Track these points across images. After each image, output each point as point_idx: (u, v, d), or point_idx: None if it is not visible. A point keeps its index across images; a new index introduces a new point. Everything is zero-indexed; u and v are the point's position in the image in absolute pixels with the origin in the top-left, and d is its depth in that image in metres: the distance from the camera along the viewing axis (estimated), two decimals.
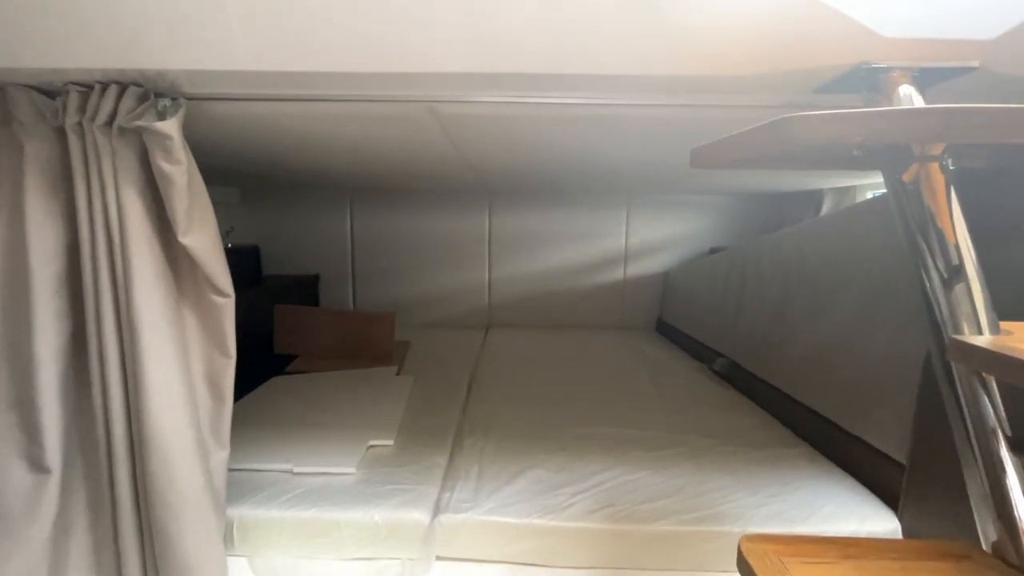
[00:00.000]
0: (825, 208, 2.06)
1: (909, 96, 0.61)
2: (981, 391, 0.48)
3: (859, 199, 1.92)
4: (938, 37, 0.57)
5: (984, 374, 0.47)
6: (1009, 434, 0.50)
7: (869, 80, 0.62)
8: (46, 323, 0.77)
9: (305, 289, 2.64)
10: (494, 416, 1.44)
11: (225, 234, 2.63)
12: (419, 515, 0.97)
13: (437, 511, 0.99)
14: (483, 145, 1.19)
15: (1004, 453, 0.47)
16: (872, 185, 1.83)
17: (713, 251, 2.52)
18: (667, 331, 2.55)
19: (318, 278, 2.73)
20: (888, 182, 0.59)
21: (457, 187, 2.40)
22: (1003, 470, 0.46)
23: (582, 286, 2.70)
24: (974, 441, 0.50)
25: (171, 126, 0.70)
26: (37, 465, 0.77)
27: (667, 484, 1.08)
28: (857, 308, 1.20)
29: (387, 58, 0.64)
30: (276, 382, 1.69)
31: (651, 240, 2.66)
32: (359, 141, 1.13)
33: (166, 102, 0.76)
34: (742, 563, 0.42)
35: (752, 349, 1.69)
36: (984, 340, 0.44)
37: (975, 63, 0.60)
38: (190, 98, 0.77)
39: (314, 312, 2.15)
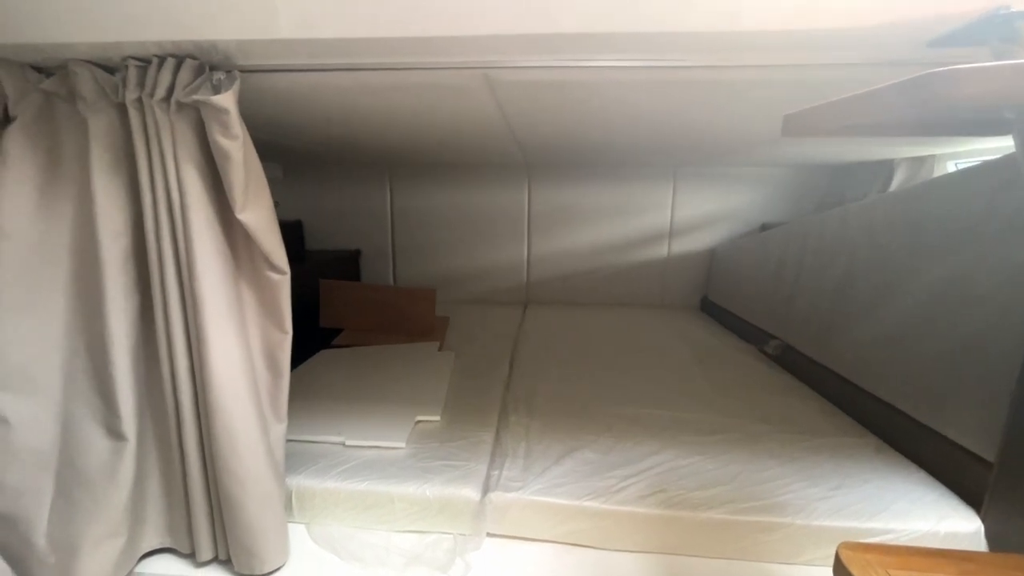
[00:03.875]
0: (897, 181, 1.90)
1: None
2: None
3: (938, 171, 1.75)
4: None
5: None
6: None
7: (1004, 29, 0.53)
8: (117, 297, 0.79)
9: (347, 264, 2.68)
10: (537, 394, 1.43)
11: None
12: (469, 492, 0.97)
13: (487, 488, 0.99)
14: (533, 114, 1.13)
15: None
16: (957, 154, 1.66)
17: (765, 227, 2.38)
18: (713, 311, 2.46)
19: (359, 253, 2.76)
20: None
21: (496, 161, 2.34)
22: None
23: (623, 263, 2.62)
24: None
25: (227, 99, 0.69)
26: (115, 433, 0.81)
27: (721, 471, 1.04)
28: (939, 289, 1.10)
29: (438, 21, 0.60)
30: (324, 355, 1.74)
31: (697, 215, 2.54)
32: (406, 113, 1.10)
33: (220, 75, 0.75)
34: (840, 570, 0.39)
35: (810, 331, 1.60)
36: None
37: None
38: (243, 71, 0.76)
39: (358, 287, 2.18)
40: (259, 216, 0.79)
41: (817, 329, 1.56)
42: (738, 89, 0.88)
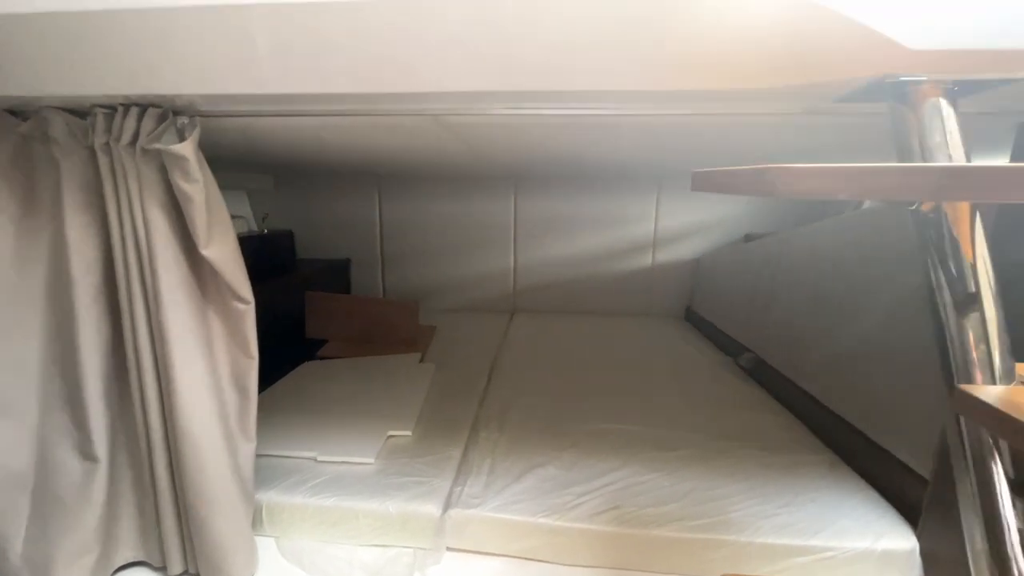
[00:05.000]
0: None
1: (938, 109, 0.56)
2: (988, 439, 0.46)
3: None
4: (975, 48, 0.51)
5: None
6: (1013, 476, 0.47)
7: (895, 91, 0.57)
8: (88, 328, 0.84)
9: (337, 273, 2.73)
10: (510, 408, 1.48)
11: (262, 219, 2.71)
12: (431, 508, 1.02)
13: (448, 505, 1.03)
14: (496, 146, 1.18)
15: (1007, 508, 0.44)
16: None
17: (748, 238, 2.41)
18: (696, 321, 2.49)
19: (349, 262, 2.81)
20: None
21: (482, 174, 2.39)
22: (1006, 527, 0.44)
23: (609, 272, 2.66)
24: (975, 487, 0.47)
25: (187, 148, 0.73)
26: (87, 455, 0.86)
27: (676, 488, 1.08)
28: (891, 311, 1.13)
29: (396, 79, 0.64)
30: (307, 367, 1.78)
31: (682, 226, 2.58)
32: (375, 144, 1.14)
33: (184, 120, 0.79)
34: None
35: (780, 346, 1.64)
36: (992, 394, 0.41)
37: (1021, 74, 0.54)
38: (205, 115, 0.80)
39: (342, 299, 2.22)
40: (223, 251, 0.83)
41: (787, 344, 1.60)
42: (686, 130, 0.92)
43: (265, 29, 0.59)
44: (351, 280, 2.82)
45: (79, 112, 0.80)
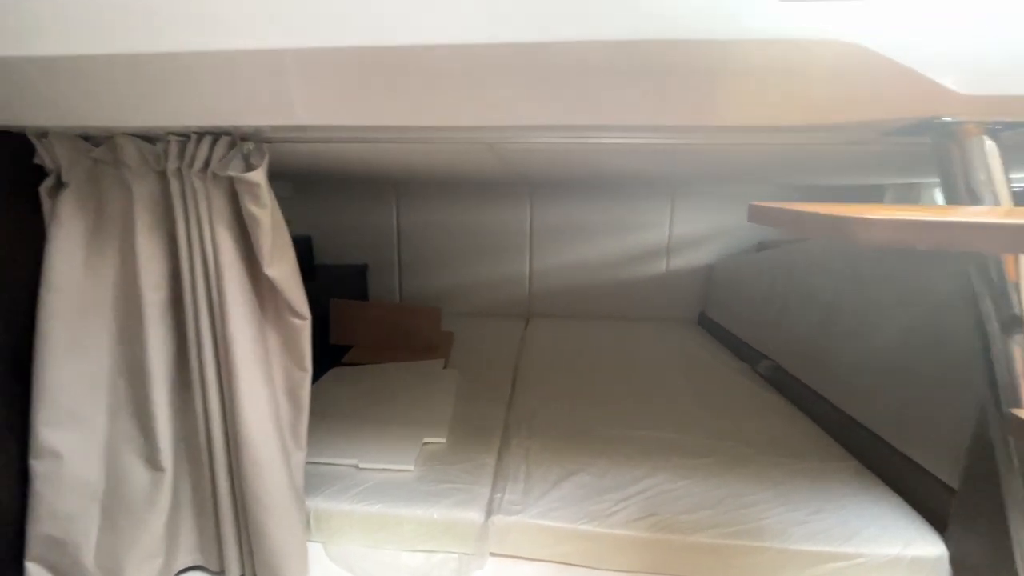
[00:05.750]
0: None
1: (982, 146, 0.59)
2: None
3: (924, 199, 1.82)
4: (1021, 94, 0.55)
5: None
6: None
7: (940, 129, 0.61)
8: (156, 342, 0.88)
9: (355, 278, 2.77)
10: (537, 414, 1.51)
11: None
12: (474, 515, 1.06)
13: (490, 511, 1.07)
14: (532, 164, 1.22)
15: None
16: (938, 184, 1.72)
17: (761, 246, 2.45)
18: (710, 326, 2.53)
19: (367, 267, 2.85)
20: None
21: (500, 182, 2.43)
22: None
23: (624, 277, 2.70)
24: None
25: (258, 175, 0.77)
26: (154, 464, 0.90)
27: (708, 495, 1.12)
28: (914, 320, 1.17)
29: (457, 114, 0.68)
30: (335, 373, 1.83)
31: (696, 232, 2.62)
32: (415, 161, 1.18)
33: (250, 145, 0.83)
34: None
35: (799, 354, 1.68)
36: None
37: None
38: (271, 141, 0.84)
39: (367, 306, 2.27)
40: (284, 270, 0.87)
41: (805, 352, 1.63)
42: (728, 156, 0.96)
43: (347, 67, 0.62)
44: (368, 285, 2.86)
45: (149, 138, 0.84)
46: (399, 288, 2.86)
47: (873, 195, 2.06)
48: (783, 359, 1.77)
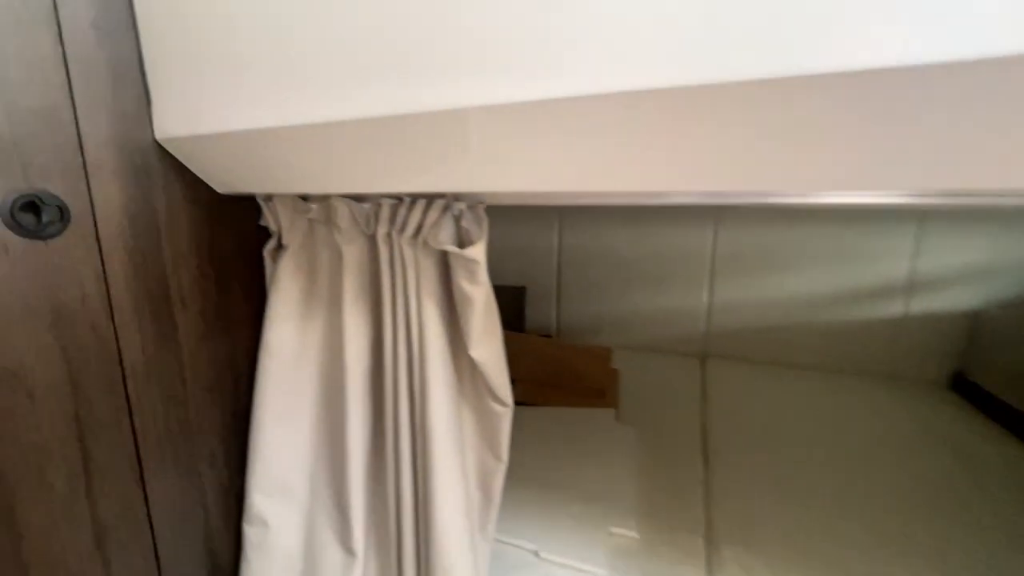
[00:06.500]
0: None
1: None
2: None
3: None
4: None
5: None
6: None
7: None
8: (356, 415, 0.82)
9: (512, 301, 2.70)
10: (752, 517, 1.19)
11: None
12: None
13: None
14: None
15: None
16: None
17: None
18: (972, 393, 1.86)
19: (524, 290, 2.77)
20: None
21: (681, 202, 2.11)
22: None
23: (839, 320, 2.15)
24: None
25: (478, 251, 0.64)
26: (347, 547, 0.84)
27: None
28: None
29: (671, 183, 0.45)
30: None
31: (952, 267, 1.96)
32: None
33: (461, 206, 0.71)
34: None
35: None
36: None
37: None
38: (485, 203, 0.71)
39: (533, 340, 2.15)
40: (490, 353, 0.73)
41: None
42: None
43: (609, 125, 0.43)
44: (525, 309, 2.77)
45: (359, 197, 0.78)
46: (556, 314, 2.71)
47: None
48: None
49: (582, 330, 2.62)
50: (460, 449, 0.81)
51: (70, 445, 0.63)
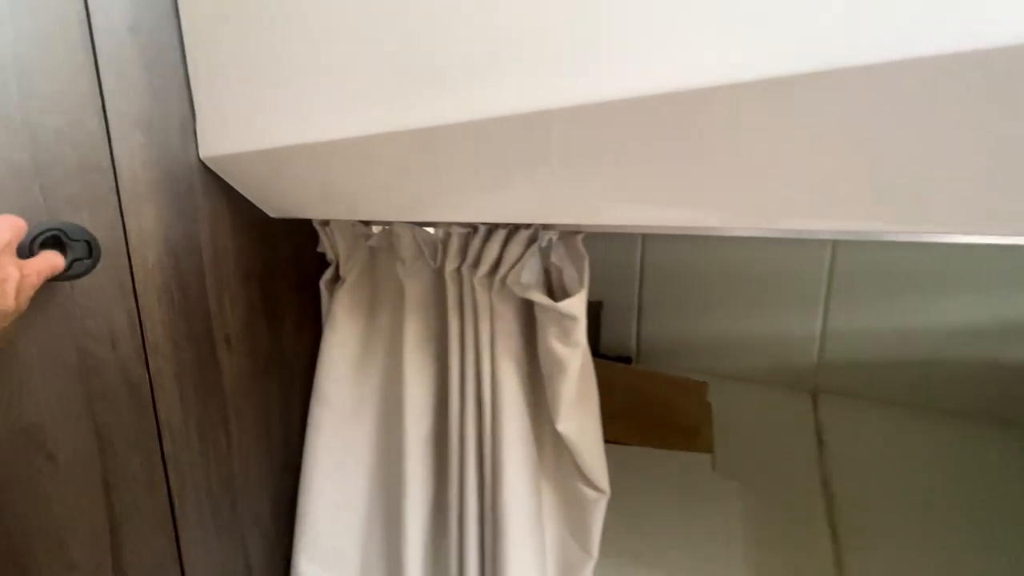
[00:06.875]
0: None
1: None
2: None
3: None
4: None
5: None
6: None
7: None
8: (414, 482, 0.68)
9: (588, 318, 2.49)
10: None
11: None
12: None
13: None
14: None
15: None
16: None
17: None
18: None
19: (601, 306, 2.55)
20: None
21: None
22: None
23: (996, 358, 1.72)
24: None
25: (577, 305, 0.47)
26: None
27: None
28: None
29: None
30: None
31: None
32: None
33: (552, 236, 0.54)
34: None
35: None
36: None
37: None
38: (581, 232, 0.54)
39: (617, 368, 1.95)
40: (582, 428, 0.56)
41: None
42: None
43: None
44: (601, 326, 2.55)
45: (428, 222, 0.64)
46: (636, 334, 2.46)
47: None
48: None
49: (665, 353, 2.35)
50: (539, 537, 0.64)
51: (96, 514, 0.55)
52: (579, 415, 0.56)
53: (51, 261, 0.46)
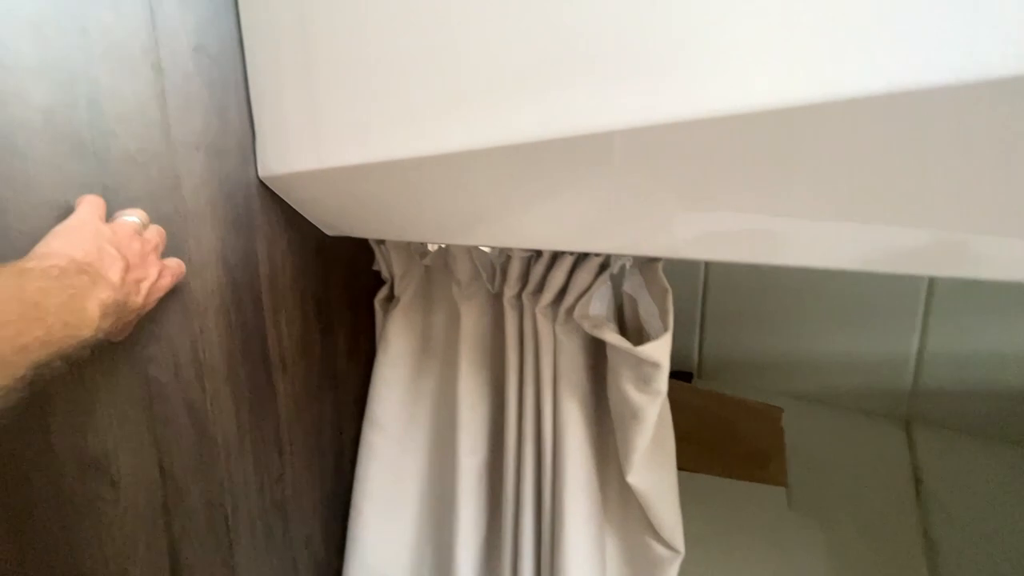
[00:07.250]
0: None
1: None
2: None
3: None
4: None
5: None
6: None
7: None
8: (466, 518, 0.64)
9: None
10: None
11: None
12: None
13: None
14: None
15: None
16: None
17: None
18: None
19: None
20: None
21: None
22: None
23: None
24: None
25: (660, 350, 0.40)
26: None
27: None
28: None
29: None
30: None
31: None
32: None
33: (626, 261, 0.48)
34: None
35: None
36: None
37: None
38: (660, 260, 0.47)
39: (684, 388, 1.83)
40: (656, 480, 0.49)
41: None
42: None
43: None
44: None
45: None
46: (698, 349, 2.30)
47: None
48: None
49: (729, 369, 2.19)
50: None
51: (157, 540, 0.54)
52: (653, 466, 0.49)
53: (181, 268, 0.50)
